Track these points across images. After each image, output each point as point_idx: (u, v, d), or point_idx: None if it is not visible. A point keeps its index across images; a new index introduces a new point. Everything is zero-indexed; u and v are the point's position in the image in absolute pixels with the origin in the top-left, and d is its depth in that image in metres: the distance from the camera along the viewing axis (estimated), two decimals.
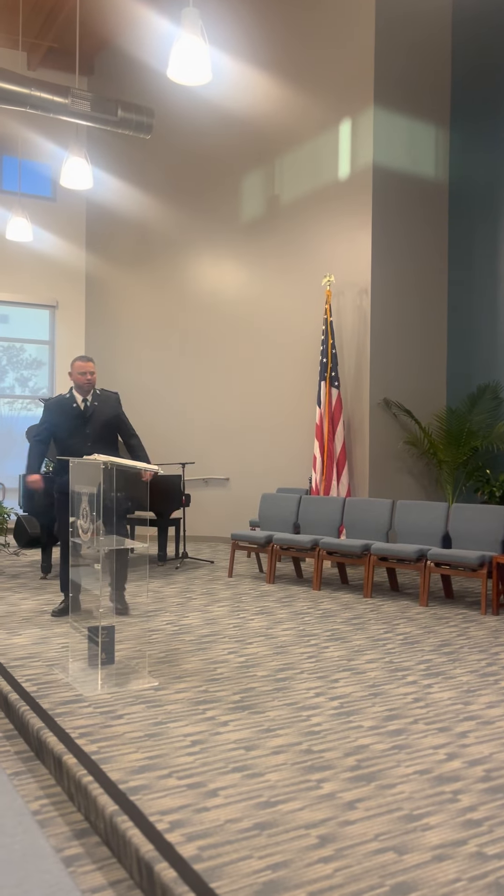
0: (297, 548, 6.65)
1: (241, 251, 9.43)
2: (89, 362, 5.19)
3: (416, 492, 8.29)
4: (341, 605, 5.82)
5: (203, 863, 2.14)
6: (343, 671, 4.06)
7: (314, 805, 2.52)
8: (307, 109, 8.63)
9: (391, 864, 2.16)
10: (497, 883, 2.08)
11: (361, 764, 2.85)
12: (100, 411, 5.26)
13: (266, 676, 3.94)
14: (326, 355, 7.93)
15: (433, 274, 8.46)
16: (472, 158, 8.25)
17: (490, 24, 8.01)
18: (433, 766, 2.84)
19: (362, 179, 8.02)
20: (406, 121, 8.19)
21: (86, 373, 5.16)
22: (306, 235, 8.67)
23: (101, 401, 5.29)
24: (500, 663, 4.27)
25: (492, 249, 7.99)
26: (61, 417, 5.20)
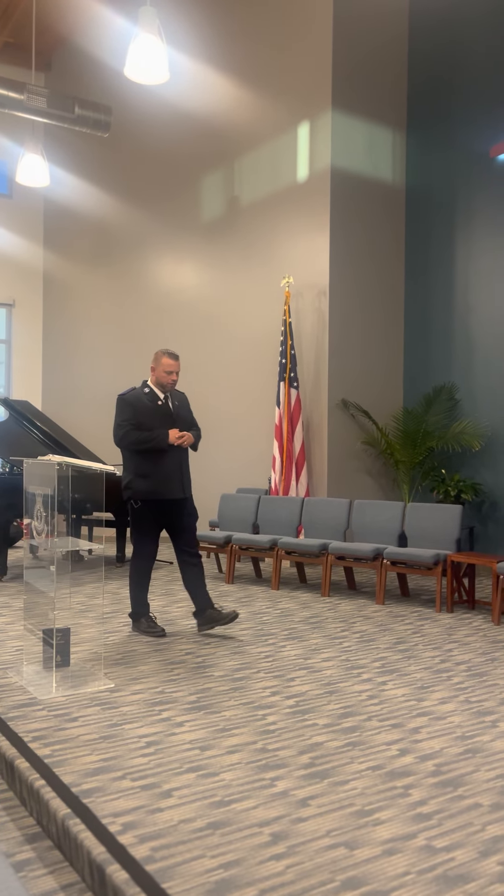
0: (256, 548, 6.67)
1: (200, 251, 9.42)
2: (178, 361, 4.81)
3: (374, 491, 8.39)
4: (299, 605, 5.86)
5: (155, 863, 2.14)
6: (299, 670, 4.09)
7: (268, 803, 2.53)
8: (266, 111, 8.67)
9: (342, 860, 2.19)
10: (445, 875, 2.12)
11: (315, 761, 2.88)
12: (181, 409, 4.92)
13: (223, 676, 3.95)
14: (285, 356, 7.97)
15: (390, 276, 8.56)
16: (428, 163, 8.37)
17: (445, 30, 8.14)
18: (385, 762, 2.88)
19: (320, 182, 8.08)
20: (364, 125, 8.27)
21: (172, 372, 4.79)
22: (265, 237, 8.70)
23: (179, 399, 4.94)
24: (453, 660, 4.34)
25: (447, 253, 8.13)
26: (146, 413, 4.74)
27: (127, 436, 4.68)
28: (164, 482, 4.69)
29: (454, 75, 8.07)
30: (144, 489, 4.69)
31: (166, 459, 4.70)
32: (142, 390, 4.81)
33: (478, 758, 2.94)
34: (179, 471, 4.75)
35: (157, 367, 4.79)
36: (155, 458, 4.68)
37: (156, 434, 4.67)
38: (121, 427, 4.70)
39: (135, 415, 4.70)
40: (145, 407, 4.75)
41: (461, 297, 7.96)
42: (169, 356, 4.77)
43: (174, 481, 4.72)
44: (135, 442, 4.66)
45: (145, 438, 4.65)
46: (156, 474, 4.68)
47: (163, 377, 4.78)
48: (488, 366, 7.68)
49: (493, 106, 7.64)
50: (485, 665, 4.23)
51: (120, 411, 4.75)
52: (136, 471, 4.70)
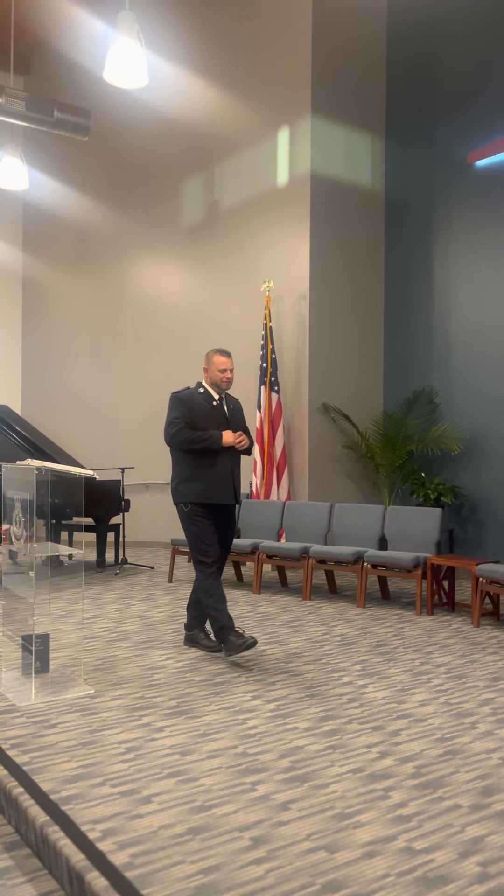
0: (238, 552, 6.66)
1: (181, 255, 9.41)
2: (230, 359, 4.52)
3: (355, 495, 8.41)
4: (280, 608, 5.86)
5: (135, 870, 2.13)
6: (280, 674, 4.08)
7: (248, 807, 2.53)
8: (246, 116, 8.69)
9: (322, 863, 2.19)
10: (424, 877, 2.12)
11: (296, 765, 2.88)
12: (236, 413, 4.62)
13: (203, 681, 3.94)
14: (266, 360, 7.98)
15: (370, 281, 8.61)
16: (406, 168, 8.44)
17: (423, 37, 8.21)
18: (366, 765, 2.89)
19: (300, 187, 8.11)
20: (343, 130, 8.32)
21: (226, 370, 4.48)
22: (246, 241, 8.72)
23: (233, 403, 4.64)
24: (434, 662, 4.36)
25: (426, 258, 8.18)
26: (200, 414, 4.43)
27: (179, 434, 4.37)
28: (217, 486, 4.38)
29: (432, 82, 8.14)
30: (195, 492, 4.39)
31: (219, 462, 4.39)
32: (196, 390, 4.53)
33: (457, 759, 2.95)
34: (232, 475, 4.45)
35: (209, 366, 4.52)
36: (207, 460, 4.38)
37: (210, 434, 4.37)
38: (172, 425, 4.40)
39: (188, 413, 4.41)
40: (199, 406, 4.45)
41: (440, 301, 8.02)
42: (220, 353, 4.50)
43: (226, 485, 4.42)
44: (187, 441, 4.36)
45: (198, 437, 4.35)
46: (207, 477, 4.38)
47: (216, 376, 4.49)
48: (467, 370, 7.74)
49: (471, 112, 7.71)
50: (464, 667, 4.26)
51: (172, 408, 4.46)
52: (187, 473, 4.41)
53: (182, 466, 4.45)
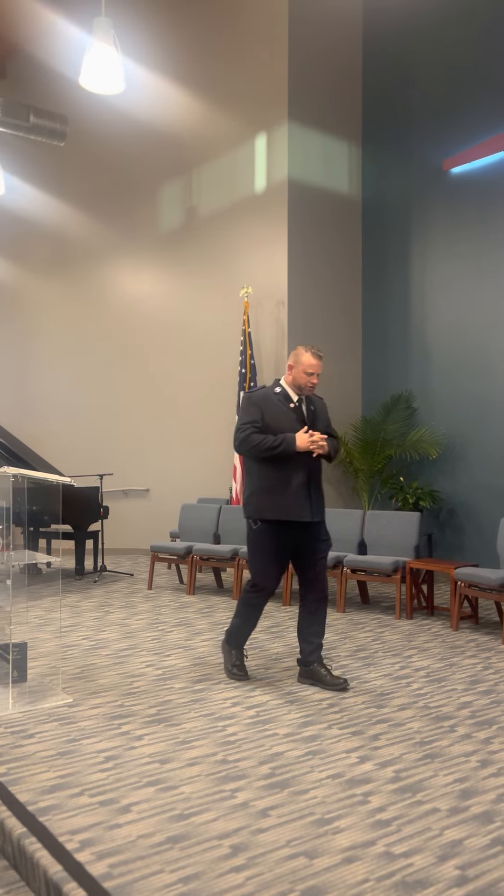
0: (217, 558, 6.65)
1: (159, 261, 9.40)
2: (320, 360, 3.98)
3: (334, 499, 8.44)
4: None
5: (113, 880, 2.11)
6: (260, 680, 4.08)
7: (228, 815, 2.52)
8: (223, 122, 8.71)
9: (302, 869, 2.18)
10: (403, 881, 2.13)
11: (276, 771, 2.88)
12: (318, 415, 4.10)
13: (183, 688, 3.92)
14: (245, 366, 7.99)
15: (348, 287, 8.66)
16: (383, 175, 8.50)
17: (399, 45, 8.29)
18: (345, 770, 2.89)
19: (278, 193, 8.14)
20: (320, 137, 8.37)
21: (314, 374, 3.95)
22: (224, 247, 8.73)
23: (315, 404, 4.12)
24: (413, 666, 4.38)
25: (403, 264, 8.25)
26: (276, 417, 3.94)
27: (248, 440, 3.88)
28: (291, 499, 3.86)
29: (408, 89, 8.22)
30: (266, 507, 3.88)
31: (293, 471, 3.88)
32: (272, 389, 4.02)
33: (436, 763, 2.96)
34: (308, 486, 3.90)
35: (295, 364, 3.97)
36: (280, 469, 3.87)
37: (283, 438, 3.85)
38: (241, 430, 3.92)
39: (261, 417, 3.91)
40: (275, 409, 3.95)
41: (417, 306, 8.08)
42: (313, 354, 3.95)
43: (301, 499, 3.88)
44: (257, 447, 3.85)
45: (270, 443, 3.84)
46: (281, 489, 3.87)
47: (302, 378, 3.95)
48: (444, 374, 7.80)
49: (446, 119, 7.79)
50: (443, 671, 4.28)
51: (244, 411, 3.98)
52: (258, 484, 3.92)
53: (254, 476, 3.96)
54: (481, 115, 7.45)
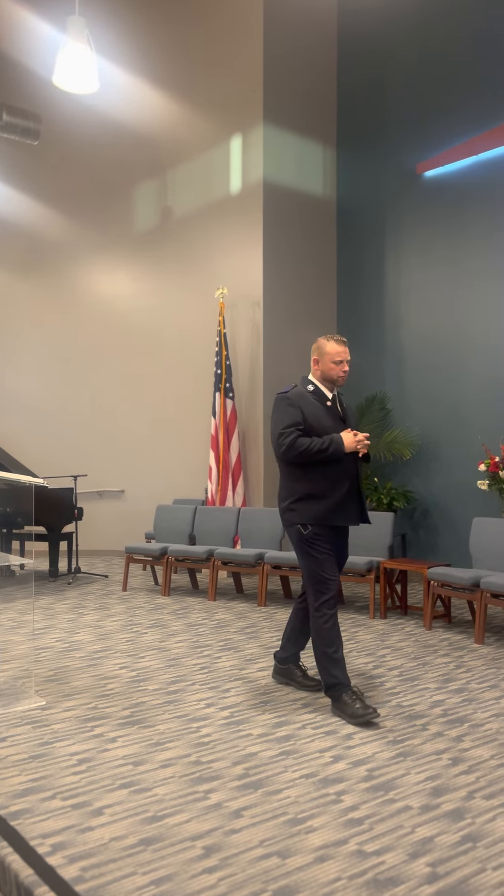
0: (193, 559, 6.64)
1: (134, 261, 9.37)
2: (346, 347, 3.73)
3: None
4: (236, 615, 5.86)
5: (85, 883, 2.10)
6: (235, 680, 4.08)
7: (201, 816, 2.52)
8: (198, 123, 8.70)
9: (274, 869, 2.19)
10: (375, 879, 2.14)
11: (249, 772, 2.88)
12: (351, 412, 3.89)
13: (157, 690, 3.91)
14: (221, 367, 7.99)
15: (323, 288, 8.69)
16: (357, 178, 8.55)
17: (373, 49, 8.34)
18: (319, 770, 2.90)
19: (253, 194, 8.16)
20: (295, 138, 8.40)
21: (342, 361, 3.70)
22: (199, 248, 8.72)
23: (345, 403, 3.89)
24: (386, 665, 4.41)
25: (378, 266, 8.30)
26: (315, 417, 3.66)
27: (295, 445, 3.57)
28: (343, 503, 3.63)
29: (382, 93, 8.28)
30: (317, 512, 3.62)
31: (343, 473, 3.63)
32: (304, 388, 3.76)
33: (408, 761, 2.99)
34: (358, 489, 3.71)
35: (320, 357, 3.73)
36: (329, 472, 3.61)
37: (331, 439, 3.58)
38: (285, 434, 3.60)
39: (301, 418, 3.64)
40: (313, 408, 3.67)
41: (392, 309, 8.14)
42: (336, 341, 3.72)
43: (353, 502, 3.68)
44: (307, 452, 3.57)
45: (319, 446, 3.56)
46: (332, 493, 3.61)
47: (330, 370, 3.70)
48: (418, 376, 7.87)
49: (420, 123, 7.86)
50: (416, 670, 4.31)
51: (283, 414, 3.66)
52: (306, 489, 3.63)
53: (297, 482, 3.66)
54: (455, 119, 7.53)
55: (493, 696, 3.82)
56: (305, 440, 3.59)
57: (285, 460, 3.65)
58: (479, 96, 7.32)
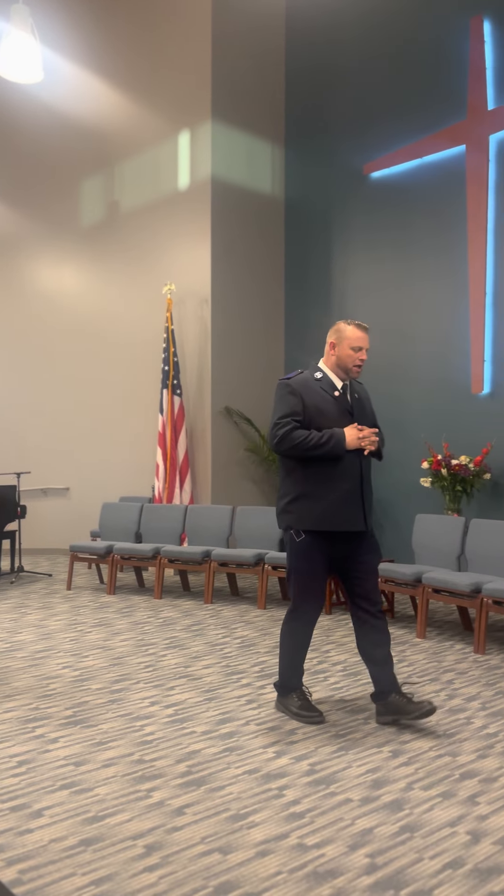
0: (139, 557, 6.60)
1: (80, 255, 9.24)
2: (366, 333, 3.42)
3: (258, 497, 8.49)
4: (182, 613, 5.84)
5: (23, 886, 2.07)
6: (179, 678, 4.07)
7: (143, 815, 2.51)
8: (146, 117, 8.63)
9: (216, 865, 2.20)
10: (315, 872, 2.17)
11: (192, 769, 2.88)
12: (364, 405, 3.52)
13: (101, 689, 3.88)
14: (168, 363, 7.95)
15: (271, 286, 8.72)
16: (305, 177, 8.60)
17: (321, 50, 8.40)
18: (262, 765, 2.92)
19: (201, 191, 8.13)
20: (243, 136, 8.40)
21: (361, 349, 3.37)
22: (147, 243, 8.65)
23: (359, 391, 3.55)
24: (330, 660, 4.46)
25: (325, 265, 8.37)
26: (319, 407, 3.34)
27: (289, 437, 3.27)
28: (341, 506, 3.30)
29: (330, 94, 8.34)
30: (312, 516, 3.30)
31: (344, 472, 3.30)
32: (311, 375, 3.42)
33: (350, 754, 3.03)
34: (360, 491, 3.35)
35: (338, 342, 3.39)
36: (329, 471, 3.29)
37: (331, 434, 3.26)
38: (280, 425, 3.29)
39: (301, 408, 3.31)
40: (317, 398, 3.34)
41: (338, 308, 8.22)
42: (357, 326, 3.39)
43: (354, 506, 3.32)
44: (301, 446, 3.26)
45: (316, 441, 3.25)
46: (330, 494, 3.29)
47: (348, 357, 3.37)
48: (363, 375, 7.93)
49: (367, 124, 7.95)
50: (359, 664, 4.37)
51: (280, 402, 3.35)
52: (301, 489, 3.32)
53: (294, 479, 3.35)
54: (401, 121, 7.64)
55: (433, 690, 3.90)
56: (302, 433, 3.27)
57: (279, 453, 3.36)
58: (424, 99, 7.45)
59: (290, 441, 3.27)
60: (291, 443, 3.27)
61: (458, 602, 4.89)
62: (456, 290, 7.21)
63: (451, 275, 7.24)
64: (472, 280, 7.04)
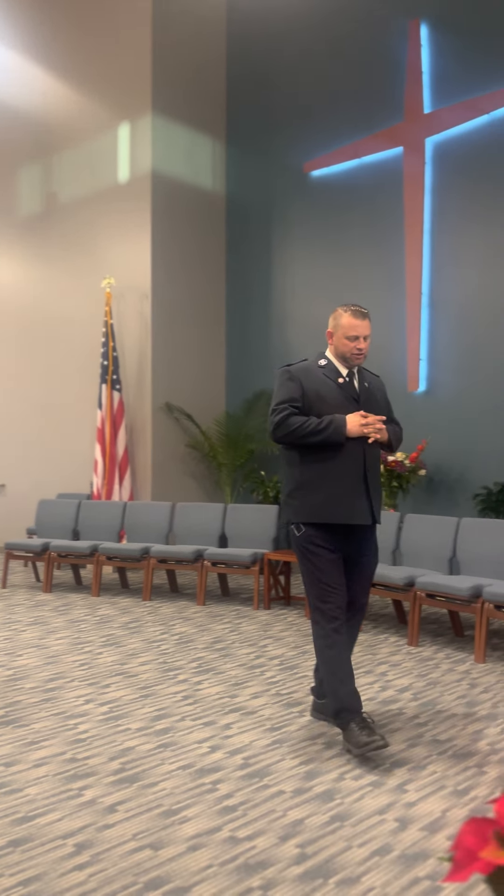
0: (76, 554, 6.51)
1: (17, 247, 9.05)
2: (368, 321, 3.18)
3: (198, 494, 8.48)
4: (119, 610, 5.79)
5: None
6: (115, 676, 4.04)
7: (74, 814, 2.48)
8: (85, 108, 8.50)
9: (146, 861, 2.19)
10: (246, 864, 2.18)
11: (126, 766, 2.86)
12: (373, 394, 3.27)
13: (34, 688, 3.82)
14: (108, 358, 7.86)
15: (212, 282, 8.71)
16: (246, 174, 8.62)
17: (262, 48, 8.42)
18: (196, 760, 2.92)
19: (141, 185, 8.06)
20: (185, 131, 8.35)
21: (358, 337, 3.14)
22: (86, 236, 8.53)
23: (369, 381, 3.31)
24: (268, 655, 4.49)
25: (266, 262, 8.40)
26: (320, 394, 3.13)
27: (286, 423, 3.06)
28: (343, 498, 3.06)
29: (271, 91, 8.37)
30: (310, 509, 3.08)
31: (346, 462, 3.07)
32: (315, 361, 3.24)
33: (284, 747, 3.06)
34: (365, 481, 3.11)
35: (334, 329, 3.20)
36: (330, 460, 3.07)
37: (330, 419, 3.04)
38: (277, 411, 3.10)
39: (301, 394, 3.12)
40: (319, 384, 3.14)
41: (279, 304, 8.26)
42: (353, 313, 3.16)
43: (358, 497, 3.08)
44: (298, 432, 3.05)
45: (314, 427, 3.03)
46: (330, 485, 3.06)
47: (344, 346, 3.16)
48: None
49: (307, 123, 8.01)
50: (296, 658, 4.42)
51: (279, 388, 3.16)
52: (300, 479, 3.11)
53: (295, 469, 3.14)
54: (340, 121, 7.72)
55: (367, 682, 3.96)
56: (299, 419, 3.06)
57: (276, 440, 3.14)
58: (363, 100, 7.54)
59: (287, 427, 3.06)
60: (287, 429, 3.06)
61: (393, 595, 4.98)
62: (393, 289, 7.33)
63: (389, 274, 7.36)
64: (409, 280, 7.18)
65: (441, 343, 7.05)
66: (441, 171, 7.01)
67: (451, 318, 6.97)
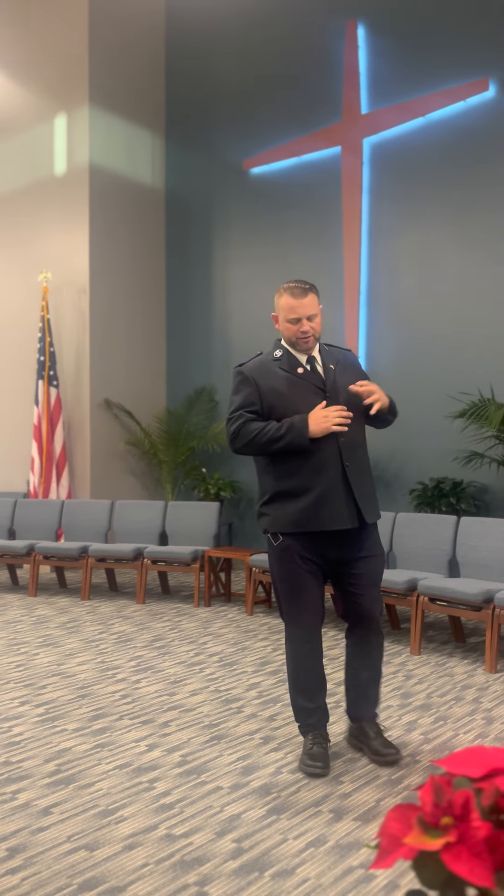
0: (12, 554, 6.38)
1: None
2: (311, 297, 2.79)
3: (139, 491, 8.41)
4: (57, 610, 5.71)
5: None
6: (52, 676, 3.98)
7: (7, 818, 2.44)
8: (20, 97, 8.31)
9: (81, 863, 2.17)
10: (182, 860, 2.19)
11: (62, 768, 2.83)
12: (342, 375, 2.90)
13: None
14: (44, 353, 7.71)
15: (151, 278, 8.64)
16: (186, 169, 8.57)
17: (200, 43, 8.38)
18: (133, 759, 2.91)
19: (79, 178, 7.93)
20: (123, 124, 8.26)
21: (300, 319, 2.79)
22: (21, 228, 8.35)
23: (337, 359, 2.95)
24: (207, 652, 4.49)
25: (206, 258, 8.38)
26: (280, 391, 2.80)
27: (242, 432, 2.76)
28: (323, 501, 2.74)
29: (209, 87, 8.34)
30: (286, 517, 2.78)
31: (320, 463, 2.75)
32: (271, 355, 2.89)
33: (222, 743, 3.07)
34: (344, 481, 2.76)
35: (278, 314, 2.86)
36: (301, 465, 2.75)
37: (288, 424, 2.71)
38: (231, 420, 2.80)
39: (258, 397, 2.80)
40: (276, 381, 2.81)
41: (219, 301, 8.25)
42: (290, 292, 2.79)
43: (337, 499, 2.74)
44: (256, 441, 2.75)
45: (272, 434, 2.72)
46: (308, 490, 2.74)
47: (287, 330, 2.83)
48: None
49: (246, 120, 8.01)
50: (236, 654, 4.43)
51: (233, 394, 2.85)
52: (276, 486, 2.80)
53: (267, 478, 2.85)
54: (279, 119, 7.75)
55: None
56: (256, 426, 2.74)
57: (236, 452, 2.82)
58: (301, 99, 7.59)
59: (244, 437, 2.75)
60: (245, 438, 2.75)
61: None
62: (332, 287, 7.41)
63: (328, 273, 7.43)
64: (348, 278, 7.26)
65: (378, 340, 7.16)
66: (378, 171, 7.12)
67: (388, 316, 7.09)
